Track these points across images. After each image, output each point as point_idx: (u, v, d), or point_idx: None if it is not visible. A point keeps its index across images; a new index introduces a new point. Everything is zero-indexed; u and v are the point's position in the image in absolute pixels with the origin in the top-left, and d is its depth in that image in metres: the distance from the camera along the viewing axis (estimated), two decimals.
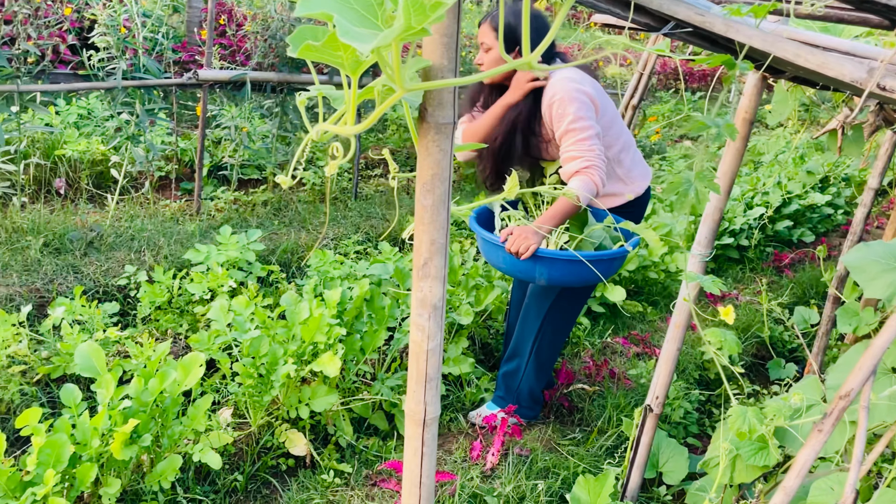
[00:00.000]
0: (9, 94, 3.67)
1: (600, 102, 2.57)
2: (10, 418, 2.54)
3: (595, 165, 2.44)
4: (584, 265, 2.36)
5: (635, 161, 2.74)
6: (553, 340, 2.82)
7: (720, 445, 2.12)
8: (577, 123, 2.46)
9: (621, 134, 2.70)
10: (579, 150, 2.46)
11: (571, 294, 2.74)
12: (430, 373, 1.27)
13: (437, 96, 1.08)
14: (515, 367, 2.86)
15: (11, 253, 3.56)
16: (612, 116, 2.66)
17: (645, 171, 2.77)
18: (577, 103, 2.47)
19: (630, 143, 2.73)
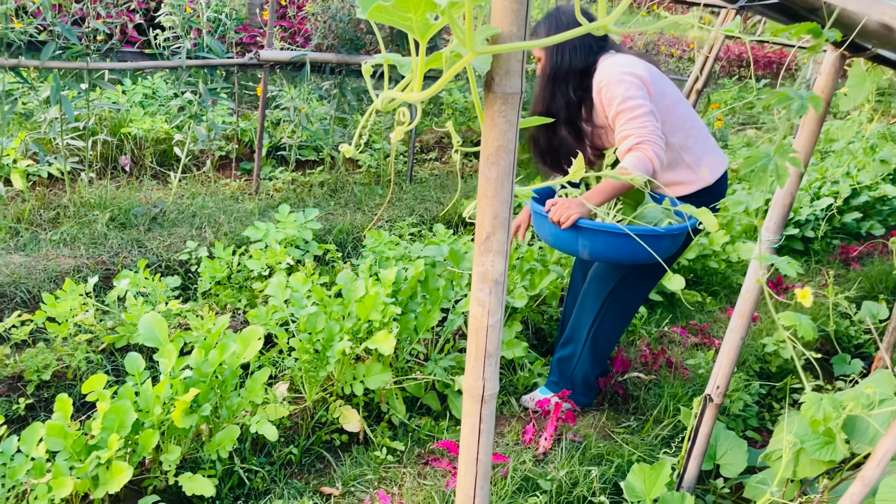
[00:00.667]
0: (79, 71, 3.77)
1: (655, 85, 2.50)
2: (76, 384, 2.63)
3: (648, 140, 2.36)
4: (629, 241, 2.30)
5: (707, 149, 2.63)
6: (611, 328, 2.77)
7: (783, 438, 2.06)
8: (627, 103, 2.41)
9: (687, 120, 2.60)
10: (631, 128, 2.40)
11: (633, 281, 2.68)
12: (489, 349, 1.25)
13: (505, 64, 1.05)
14: (570, 352, 2.83)
15: (80, 226, 3.68)
16: (674, 101, 2.57)
17: (718, 160, 2.65)
18: (624, 84, 2.42)
19: (699, 130, 2.63)
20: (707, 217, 2.16)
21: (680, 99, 2.62)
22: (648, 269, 2.66)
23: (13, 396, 2.52)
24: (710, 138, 2.68)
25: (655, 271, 2.67)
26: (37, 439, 1.97)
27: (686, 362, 3.21)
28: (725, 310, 3.98)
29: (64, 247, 3.48)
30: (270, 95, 5.50)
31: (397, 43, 5.01)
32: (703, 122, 2.71)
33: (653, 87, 2.49)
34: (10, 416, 2.44)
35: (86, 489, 1.96)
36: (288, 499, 2.22)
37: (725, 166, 2.66)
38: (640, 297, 2.76)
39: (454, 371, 2.83)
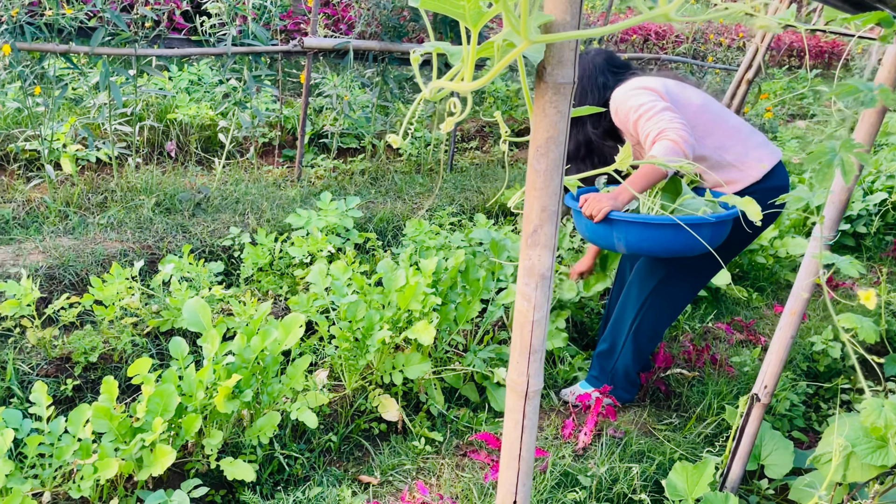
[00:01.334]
0: (127, 57, 3.83)
1: (672, 94, 2.51)
2: (122, 367, 2.68)
3: (669, 128, 2.32)
4: (663, 231, 2.25)
5: (750, 145, 2.56)
6: (653, 324, 2.72)
7: (833, 441, 1.99)
8: (641, 109, 2.43)
9: (718, 121, 2.55)
10: (650, 126, 2.39)
11: (678, 277, 2.63)
12: (534, 344, 1.23)
13: (558, 54, 1.03)
14: (611, 347, 2.79)
15: (126, 211, 3.74)
16: (700, 105, 2.54)
17: (766, 154, 2.56)
18: (633, 98, 2.46)
19: (737, 128, 2.57)
20: (751, 206, 2.09)
21: (707, 102, 2.59)
22: (694, 265, 2.60)
23: (61, 377, 2.58)
24: (754, 134, 2.60)
25: (702, 267, 2.61)
26: (83, 420, 2.01)
27: (731, 359, 3.14)
28: (772, 306, 3.88)
29: (111, 231, 3.54)
30: (313, 83, 5.52)
31: (440, 31, 4.97)
32: (742, 120, 2.64)
33: (668, 95, 2.49)
34: (58, 396, 2.50)
35: (130, 471, 1.99)
36: (327, 486, 2.23)
37: (776, 160, 2.57)
38: (686, 294, 2.71)
39: (493, 363, 2.81)
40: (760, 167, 2.53)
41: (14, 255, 3.17)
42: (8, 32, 3.35)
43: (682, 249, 2.34)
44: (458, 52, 1.05)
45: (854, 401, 3.02)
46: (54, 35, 3.56)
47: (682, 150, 2.30)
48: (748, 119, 8.09)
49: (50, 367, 2.60)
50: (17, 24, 3.36)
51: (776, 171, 2.56)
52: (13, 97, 4.13)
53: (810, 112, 9.26)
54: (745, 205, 2.16)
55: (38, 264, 3.09)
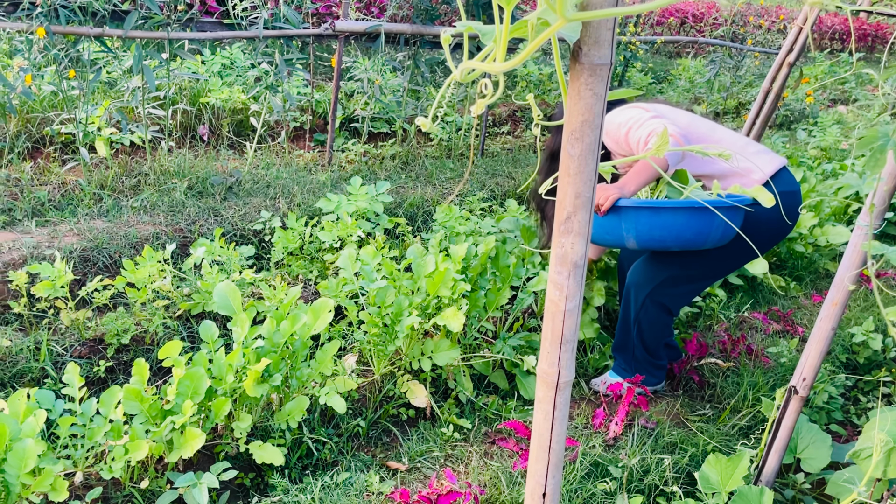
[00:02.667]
0: (160, 41, 3.84)
1: (659, 111, 2.51)
2: (153, 349, 2.70)
3: (658, 126, 2.32)
4: (675, 217, 2.19)
5: (747, 153, 2.52)
6: (656, 320, 2.68)
7: (874, 436, 1.93)
8: (630, 121, 2.44)
9: (712, 134, 2.55)
10: (641, 132, 2.39)
11: (675, 283, 2.61)
12: (566, 334, 1.20)
13: (595, 33, 0.99)
14: (622, 342, 2.75)
15: (159, 194, 3.77)
16: (689, 122, 2.55)
17: (767, 160, 2.50)
18: (621, 115, 2.49)
19: (732, 141, 2.56)
20: (761, 193, 2.02)
21: (696, 119, 2.59)
22: (693, 272, 2.58)
23: (94, 359, 2.61)
24: (750, 144, 2.57)
25: (701, 277, 2.58)
26: (115, 402, 2.02)
27: (767, 350, 3.07)
28: (811, 296, 3.78)
29: (144, 213, 3.57)
30: (345, 67, 5.50)
31: (472, 13, 4.91)
32: (735, 133, 2.63)
33: (656, 112, 2.49)
34: (91, 377, 2.53)
35: (160, 453, 2.00)
36: (355, 471, 2.23)
37: (778, 165, 2.50)
38: (684, 298, 2.69)
39: (523, 351, 2.78)
40: (763, 172, 2.47)
41: (49, 237, 3.21)
42: (43, 16, 3.37)
43: (694, 239, 2.28)
44: (491, 32, 1.02)
45: (895, 394, 2.93)
46: (88, 18, 3.59)
47: (676, 141, 2.29)
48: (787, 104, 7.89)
49: (83, 348, 2.64)
50: (52, 7, 3.39)
51: (781, 175, 2.50)
52: (49, 81, 4.18)
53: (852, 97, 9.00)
54: (756, 193, 2.10)
55: (72, 246, 3.13)
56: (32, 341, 2.56)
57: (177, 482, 1.95)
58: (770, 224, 2.46)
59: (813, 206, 4.16)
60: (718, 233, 2.27)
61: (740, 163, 2.49)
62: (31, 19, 3.39)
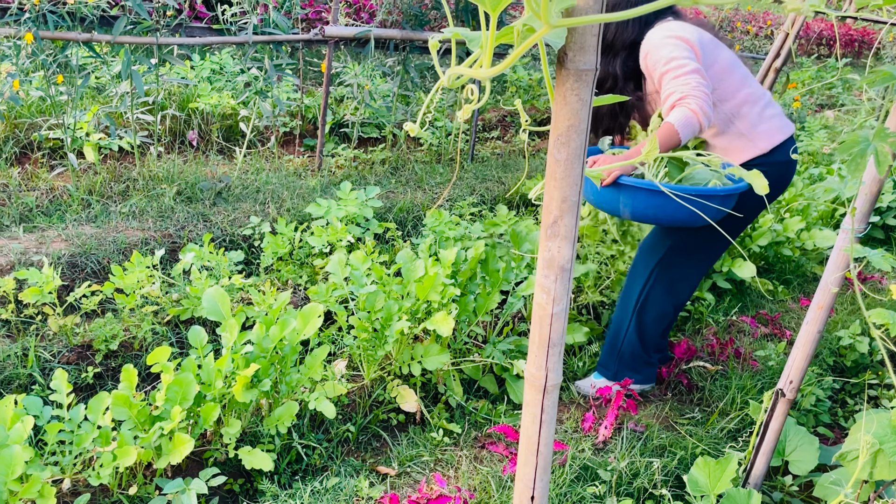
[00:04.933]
0: (149, 46, 3.84)
1: (704, 50, 2.41)
2: (142, 355, 2.69)
3: (691, 95, 2.26)
4: (670, 200, 2.22)
5: (764, 116, 2.50)
6: (660, 303, 2.66)
7: (860, 438, 1.95)
8: (671, 63, 2.33)
9: (742, 87, 2.49)
10: (675, 85, 2.31)
11: (683, 252, 2.60)
12: (553, 338, 1.20)
13: (580, 39, 1.00)
14: (616, 328, 2.75)
15: (148, 199, 3.76)
16: (726, 67, 2.47)
17: (777, 127, 2.50)
18: (667, 47, 2.35)
19: (756, 98, 2.51)
20: (758, 180, 2.04)
21: (734, 65, 2.51)
22: (699, 241, 2.57)
23: (82, 365, 2.60)
24: (771, 105, 2.55)
25: (708, 244, 2.58)
26: (103, 408, 2.01)
27: (755, 353, 3.09)
28: (798, 300, 3.81)
29: (133, 219, 3.56)
30: (334, 72, 5.50)
31: (462, 19, 4.93)
32: (763, 89, 2.58)
33: (701, 51, 2.40)
34: (79, 384, 2.52)
35: (149, 459, 2.00)
36: (344, 476, 2.22)
37: (787, 135, 2.51)
38: (692, 272, 2.67)
39: (513, 355, 2.78)
40: (770, 139, 2.48)
41: (37, 242, 3.20)
42: (31, 21, 3.36)
43: (686, 220, 2.32)
44: (477, 38, 1.02)
45: (882, 397, 2.96)
46: (76, 24, 3.58)
47: (698, 122, 2.26)
48: None
49: (71, 354, 2.62)
50: (40, 12, 3.38)
51: (785, 145, 2.51)
52: (37, 86, 4.16)
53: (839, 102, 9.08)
54: (752, 178, 2.12)
55: (60, 252, 3.12)
56: (20, 347, 2.55)
57: (165, 488, 1.94)
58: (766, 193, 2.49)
59: (800, 210, 4.19)
60: (710, 214, 2.31)
61: (756, 127, 2.48)
62: (19, 24, 3.38)
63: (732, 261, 3.62)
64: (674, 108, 2.29)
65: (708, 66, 2.41)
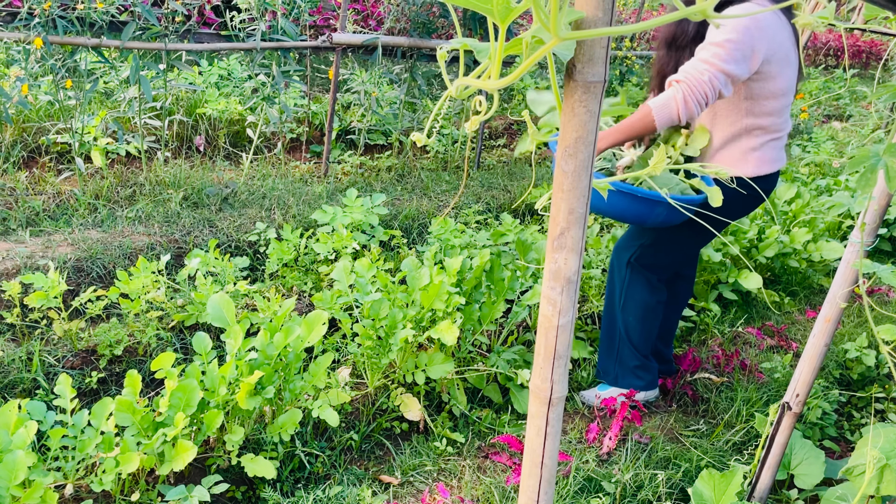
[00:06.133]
0: (157, 52, 3.85)
1: (770, 63, 2.22)
2: (146, 360, 2.69)
3: (688, 83, 2.12)
4: (619, 198, 2.22)
5: (767, 147, 2.40)
6: (640, 297, 2.66)
7: (867, 453, 1.93)
8: (716, 48, 2.14)
9: (775, 114, 2.36)
10: (689, 65, 2.16)
11: (656, 247, 2.58)
12: (559, 350, 1.20)
13: (589, 52, 0.99)
14: (608, 331, 2.76)
15: (154, 204, 3.77)
16: (780, 92, 2.31)
17: (769, 160, 2.41)
18: (736, 32, 2.13)
19: (778, 128, 2.40)
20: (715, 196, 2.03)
21: (788, 91, 2.34)
22: (671, 236, 2.54)
23: (86, 370, 2.60)
24: (782, 140, 2.47)
25: (680, 239, 2.55)
26: (107, 414, 2.01)
27: (761, 365, 3.07)
28: (805, 311, 3.79)
29: (139, 224, 3.57)
30: (342, 79, 5.52)
31: (469, 27, 4.94)
32: (790, 123, 2.49)
33: (768, 64, 2.22)
34: (83, 388, 2.52)
35: (152, 465, 1.99)
36: (347, 485, 2.22)
37: (774, 168, 2.43)
38: (667, 262, 2.65)
39: (517, 364, 2.78)
40: (754, 167, 2.39)
41: (43, 246, 3.21)
42: (40, 26, 3.38)
43: (634, 220, 2.33)
44: (486, 49, 1.02)
45: (889, 410, 2.94)
46: (86, 29, 3.59)
47: (677, 110, 2.15)
48: None
49: (75, 359, 2.63)
50: (50, 17, 3.40)
51: (767, 178, 2.44)
52: (45, 90, 4.18)
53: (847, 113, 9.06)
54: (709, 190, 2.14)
55: (66, 256, 3.12)
56: (24, 352, 2.55)
57: (168, 495, 1.93)
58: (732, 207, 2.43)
59: (807, 222, 4.17)
60: (659, 219, 2.31)
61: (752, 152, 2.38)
62: (28, 29, 3.39)
63: (739, 272, 3.61)
64: (670, 85, 2.20)
65: (760, 76, 2.25)
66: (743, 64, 2.16)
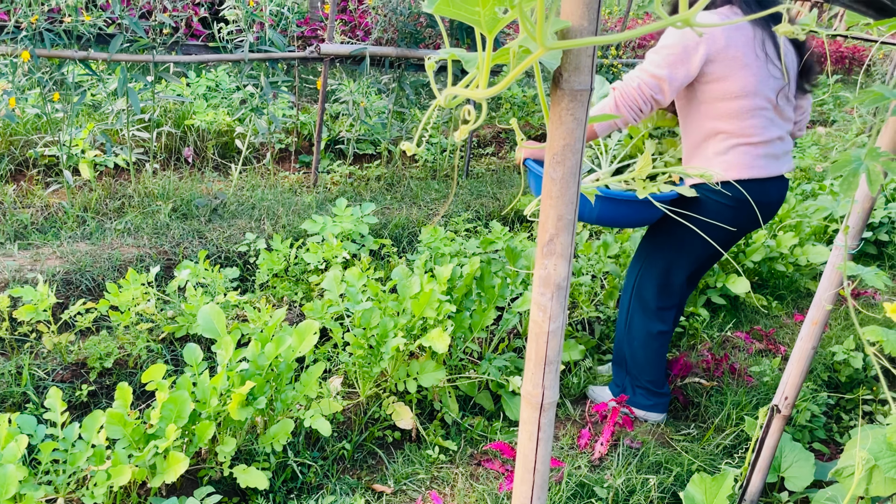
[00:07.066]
0: (145, 64, 3.85)
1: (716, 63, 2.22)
2: (137, 372, 2.68)
3: (620, 91, 2.23)
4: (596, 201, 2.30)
5: (736, 151, 2.32)
6: (640, 323, 2.67)
7: (856, 454, 1.95)
8: (652, 55, 2.24)
9: (737, 117, 2.29)
10: (626, 76, 2.27)
11: (649, 268, 2.62)
12: (549, 355, 1.21)
13: (575, 60, 1.01)
14: (618, 345, 2.79)
15: (143, 216, 3.76)
16: (734, 92, 2.26)
17: (738, 164, 2.33)
18: (671, 38, 2.23)
19: (746, 133, 2.30)
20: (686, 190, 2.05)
21: (748, 95, 2.27)
22: (658, 254, 2.57)
23: (76, 383, 2.59)
24: (759, 148, 2.33)
25: (663, 259, 2.56)
26: (97, 427, 2.00)
27: (750, 369, 3.09)
28: (793, 315, 3.82)
29: (128, 236, 3.56)
30: (330, 89, 5.53)
31: (457, 37, 4.97)
32: (774, 132, 2.35)
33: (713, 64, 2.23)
34: (74, 402, 2.51)
35: (143, 477, 1.98)
36: (340, 495, 2.21)
37: (747, 175, 2.33)
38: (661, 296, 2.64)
39: (509, 371, 2.78)
40: (722, 173, 2.33)
41: (32, 260, 3.19)
42: (28, 39, 3.38)
43: (599, 221, 2.41)
44: (473, 59, 1.04)
45: (876, 412, 2.96)
46: (73, 42, 3.59)
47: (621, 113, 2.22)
48: None
49: (65, 372, 2.61)
50: (37, 30, 3.39)
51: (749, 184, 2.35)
52: (33, 103, 4.17)
53: (831, 118, 9.15)
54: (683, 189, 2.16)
55: (55, 269, 3.11)
56: (14, 365, 2.54)
57: None
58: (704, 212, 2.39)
59: (793, 227, 4.21)
60: (630, 218, 2.40)
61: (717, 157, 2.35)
62: (15, 42, 3.39)
63: (727, 276, 3.63)
64: (614, 89, 2.28)
65: (714, 79, 2.26)
66: (680, 67, 2.22)
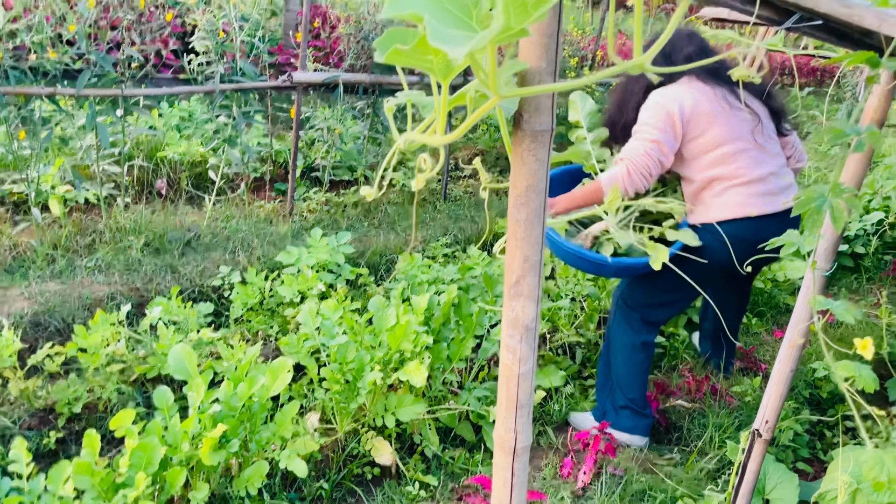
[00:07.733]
0: (114, 98, 3.81)
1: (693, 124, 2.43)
2: (107, 416, 2.61)
3: (630, 160, 2.38)
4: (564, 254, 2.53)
5: (731, 192, 2.45)
6: (621, 348, 2.71)
7: (838, 477, 1.94)
8: (640, 127, 2.46)
9: (725, 162, 2.44)
10: (627, 147, 2.44)
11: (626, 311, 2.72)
12: (521, 399, 1.18)
13: (535, 102, 0.99)
14: (604, 366, 2.80)
15: (115, 252, 3.70)
16: (713, 143, 2.44)
17: (732, 204, 2.44)
18: (650, 111, 2.46)
19: (738, 175, 2.44)
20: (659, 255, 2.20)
21: (727, 140, 2.43)
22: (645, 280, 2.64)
23: (44, 430, 2.52)
24: (750, 187, 2.44)
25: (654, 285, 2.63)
26: (64, 478, 1.94)
27: (731, 389, 3.08)
28: (773, 332, 3.82)
29: (98, 273, 3.50)
30: (304, 116, 5.51)
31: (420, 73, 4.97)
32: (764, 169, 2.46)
33: (689, 125, 2.44)
34: (42, 450, 2.43)
35: None
36: None
37: (741, 213, 2.43)
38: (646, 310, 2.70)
39: (489, 401, 2.75)
40: (715, 213, 2.47)
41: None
42: None
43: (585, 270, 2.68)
44: (430, 105, 1.02)
45: (859, 428, 2.95)
46: (39, 78, 3.54)
47: (623, 186, 2.37)
48: None
49: (33, 419, 2.54)
50: (1, 68, 3.34)
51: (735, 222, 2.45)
52: None
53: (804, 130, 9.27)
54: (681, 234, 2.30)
55: (23, 311, 3.04)
56: None
57: None
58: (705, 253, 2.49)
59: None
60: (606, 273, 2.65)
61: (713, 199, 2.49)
62: None
63: None
64: (616, 163, 2.43)
65: (688, 138, 2.45)
66: (670, 129, 2.42)
